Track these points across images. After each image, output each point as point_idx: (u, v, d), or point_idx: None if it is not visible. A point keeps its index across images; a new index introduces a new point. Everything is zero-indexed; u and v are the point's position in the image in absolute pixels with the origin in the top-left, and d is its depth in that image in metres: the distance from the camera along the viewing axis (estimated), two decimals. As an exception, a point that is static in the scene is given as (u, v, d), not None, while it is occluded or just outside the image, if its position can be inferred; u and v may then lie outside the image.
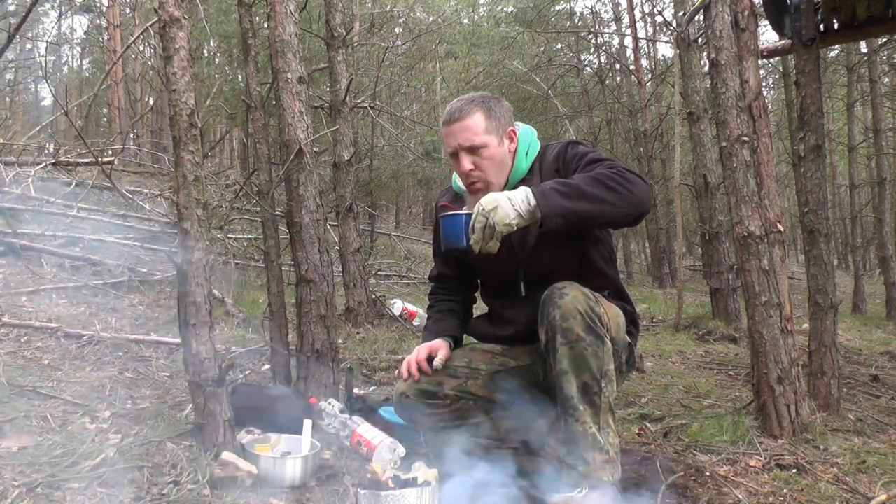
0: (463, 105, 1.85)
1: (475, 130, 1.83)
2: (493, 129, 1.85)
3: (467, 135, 1.83)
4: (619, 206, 1.65)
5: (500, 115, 1.87)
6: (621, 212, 1.67)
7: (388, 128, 8.33)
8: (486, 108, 1.85)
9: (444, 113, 1.91)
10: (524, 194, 1.64)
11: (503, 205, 1.63)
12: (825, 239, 2.95)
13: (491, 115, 1.85)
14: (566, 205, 1.62)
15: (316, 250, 2.51)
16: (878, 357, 4.43)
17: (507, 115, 1.90)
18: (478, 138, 1.83)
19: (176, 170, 1.85)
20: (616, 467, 1.65)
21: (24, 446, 1.82)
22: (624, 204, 1.65)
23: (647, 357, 3.99)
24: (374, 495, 1.59)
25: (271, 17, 2.57)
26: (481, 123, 1.83)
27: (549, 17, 12.79)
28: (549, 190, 1.64)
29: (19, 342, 2.95)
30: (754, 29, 2.72)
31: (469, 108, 1.84)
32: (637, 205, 1.67)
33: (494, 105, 1.88)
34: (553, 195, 1.63)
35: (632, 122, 12.45)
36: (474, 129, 1.83)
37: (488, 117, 1.84)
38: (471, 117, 1.83)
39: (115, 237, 5.39)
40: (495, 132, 1.85)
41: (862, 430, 2.55)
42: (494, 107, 1.87)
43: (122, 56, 12.84)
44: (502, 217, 1.62)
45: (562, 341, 1.64)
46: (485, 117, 1.84)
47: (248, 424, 2.07)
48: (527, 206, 1.62)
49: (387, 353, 3.70)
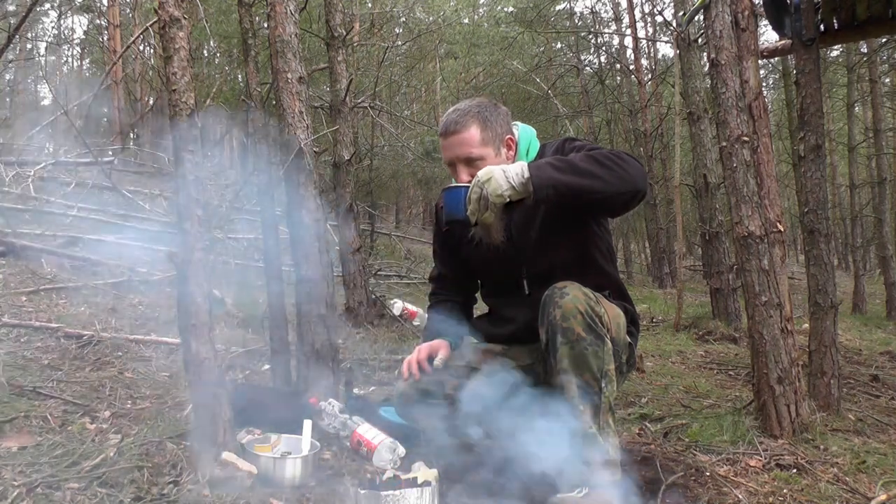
0: (458, 118, 1.82)
1: (471, 143, 1.81)
2: (490, 140, 1.82)
3: (464, 148, 1.81)
4: (612, 183, 1.64)
5: (497, 124, 1.84)
6: (613, 189, 1.65)
7: (388, 128, 8.34)
8: (482, 120, 1.82)
9: (440, 123, 1.89)
10: (519, 168, 1.66)
11: (497, 176, 1.65)
12: (825, 239, 2.95)
13: (487, 127, 1.82)
14: (557, 177, 1.64)
15: (316, 250, 2.51)
16: (878, 357, 4.43)
17: (504, 123, 1.87)
18: (475, 151, 1.81)
19: (176, 170, 1.85)
20: (616, 467, 1.65)
21: (24, 446, 1.82)
22: (617, 181, 1.65)
23: (647, 357, 3.98)
24: (374, 495, 1.59)
25: (271, 17, 2.57)
26: (477, 136, 1.81)
27: (549, 17, 12.80)
28: (545, 164, 1.67)
29: (19, 342, 2.95)
30: (754, 29, 2.73)
31: (464, 120, 1.81)
32: (630, 183, 1.66)
33: (490, 115, 1.84)
34: (547, 168, 1.66)
35: (632, 122, 12.45)
36: (470, 143, 1.80)
37: (484, 129, 1.81)
38: (467, 130, 1.80)
39: (115, 237, 5.39)
40: (492, 143, 1.83)
41: (862, 430, 2.55)
42: (490, 116, 1.84)
43: (122, 56, 12.84)
44: (495, 188, 1.64)
45: (562, 341, 1.64)
46: (480, 129, 1.81)
47: (248, 424, 2.07)
48: (520, 179, 1.64)
49: (387, 353, 3.69)
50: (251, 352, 3.25)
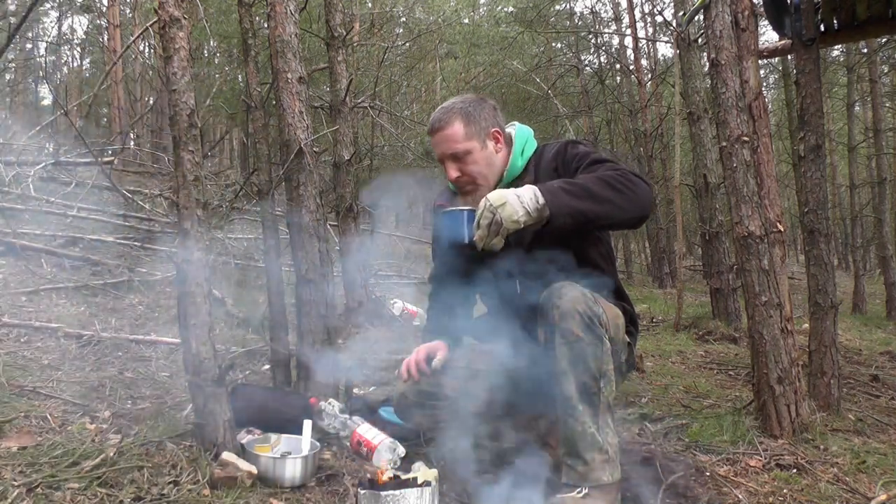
0: (441, 115, 1.89)
1: (455, 139, 1.86)
2: (474, 133, 1.87)
3: (449, 144, 1.87)
4: (625, 209, 1.67)
5: (481, 118, 1.89)
6: (626, 214, 1.69)
7: (388, 128, 8.33)
8: (465, 115, 1.87)
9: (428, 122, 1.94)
10: (532, 192, 1.64)
11: (511, 202, 1.62)
12: (825, 239, 2.95)
13: (470, 122, 1.87)
14: (574, 204, 1.63)
15: (316, 250, 2.51)
16: (878, 357, 4.43)
17: (488, 117, 1.91)
18: (460, 146, 1.86)
19: (176, 170, 1.85)
20: (615, 467, 1.65)
21: (24, 446, 1.82)
22: (629, 206, 1.67)
23: (647, 357, 3.98)
24: (374, 495, 1.59)
25: (271, 17, 2.56)
26: (460, 131, 1.86)
27: (549, 17, 12.79)
28: (557, 189, 1.65)
29: (19, 342, 2.95)
30: (754, 29, 2.73)
31: (447, 117, 1.88)
32: (641, 207, 1.69)
33: (474, 110, 1.89)
34: (561, 194, 1.63)
35: (632, 122, 12.43)
36: (454, 138, 1.86)
37: (467, 124, 1.87)
38: (450, 126, 1.86)
39: (115, 237, 5.39)
40: (476, 137, 1.87)
41: (862, 430, 2.55)
42: (474, 112, 1.89)
43: (122, 56, 12.83)
44: (510, 214, 1.62)
45: (561, 341, 1.64)
46: (464, 125, 1.86)
47: (248, 424, 2.07)
48: (535, 205, 1.62)
49: (387, 353, 3.69)
50: (251, 352, 3.25)
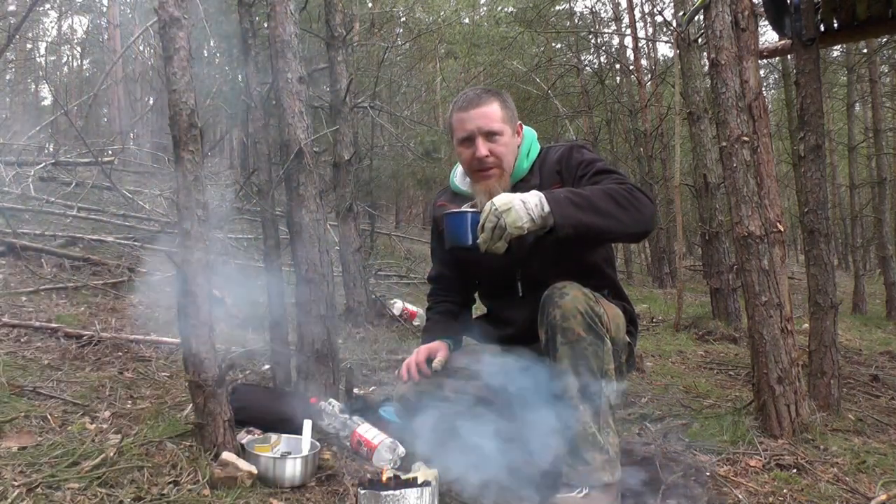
0: (480, 93, 1.91)
1: (493, 118, 1.87)
2: (508, 119, 1.90)
3: (486, 120, 1.86)
4: (628, 225, 1.67)
5: (512, 108, 1.94)
6: (628, 230, 1.69)
7: (388, 128, 8.32)
8: (502, 100, 1.92)
9: (456, 101, 1.94)
10: (537, 199, 1.63)
11: (517, 207, 1.61)
12: (825, 239, 2.95)
13: (506, 106, 1.91)
14: (578, 216, 1.62)
15: (316, 250, 2.51)
16: (878, 357, 4.43)
17: (515, 109, 1.96)
18: (496, 125, 1.87)
19: (176, 170, 1.85)
20: (616, 467, 1.65)
21: (24, 446, 1.82)
22: (633, 222, 1.68)
23: (647, 357, 3.98)
24: (374, 495, 1.59)
25: (271, 17, 2.56)
26: (499, 112, 1.88)
27: (548, 17, 12.79)
28: (563, 199, 1.63)
29: (19, 342, 2.95)
30: (754, 29, 2.73)
31: (486, 96, 1.90)
32: (644, 224, 1.70)
33: (506, 98, 1.94)
34: (567, 205, 1.62)
35: (632, 122, 12.44)
36: (493, 116, 1.87)
37: (504, 107, 1.90)
38: (489, 105, 1.88)
39: (115, 237, 5.39)
40: (509, 122, 1.90)
41: (862, 430, 2.55)
42: (507, 100, 1.94)
43: (122, 56, 12.83)
44: (515, 219, 1.60)
45: (562, 341, 1.64)
46: (501, 107, 1.89)
47: (248, 424, 2.07)
48: (540, 212, 1.61)
49: (387, 353, 3.69)
50: (251, 352, 3.25)
